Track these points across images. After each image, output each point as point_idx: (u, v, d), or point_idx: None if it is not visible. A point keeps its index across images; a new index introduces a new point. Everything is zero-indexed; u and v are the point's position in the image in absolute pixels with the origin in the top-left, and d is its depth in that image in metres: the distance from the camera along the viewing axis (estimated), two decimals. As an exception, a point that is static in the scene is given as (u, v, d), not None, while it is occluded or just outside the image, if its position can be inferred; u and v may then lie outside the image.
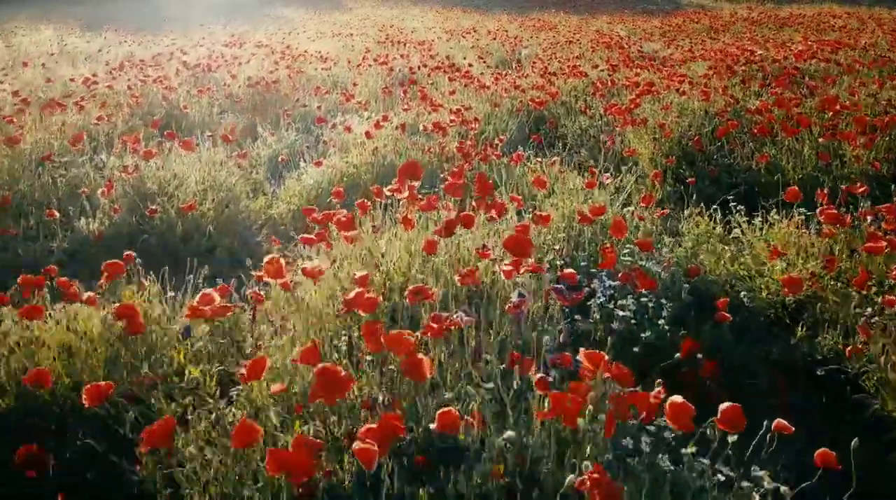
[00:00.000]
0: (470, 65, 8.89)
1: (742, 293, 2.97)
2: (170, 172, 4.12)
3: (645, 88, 5.78)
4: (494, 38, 12.69)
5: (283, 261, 2.23)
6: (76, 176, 4.19)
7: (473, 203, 2.92)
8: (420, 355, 1.57)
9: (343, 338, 2.09)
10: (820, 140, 4.07)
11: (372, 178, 4.26)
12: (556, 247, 2.84)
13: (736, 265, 3.14)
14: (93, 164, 4.27)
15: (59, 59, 10.24)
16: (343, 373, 1.40)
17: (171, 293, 2.55)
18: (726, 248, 3.25)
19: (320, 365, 1.41)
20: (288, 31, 14.81)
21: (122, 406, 1.73)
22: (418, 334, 1.77)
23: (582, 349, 1.55)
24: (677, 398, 1.44)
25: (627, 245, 2.94)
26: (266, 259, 2.28)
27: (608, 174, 3.88)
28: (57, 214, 3.45)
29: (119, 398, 1.71)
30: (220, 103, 6.72)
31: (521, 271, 2.12)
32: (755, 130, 4.50)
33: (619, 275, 2.57)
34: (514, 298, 1.88)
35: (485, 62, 9.56)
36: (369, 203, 2.65)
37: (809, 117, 4.56)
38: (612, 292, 2.69)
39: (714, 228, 3.46)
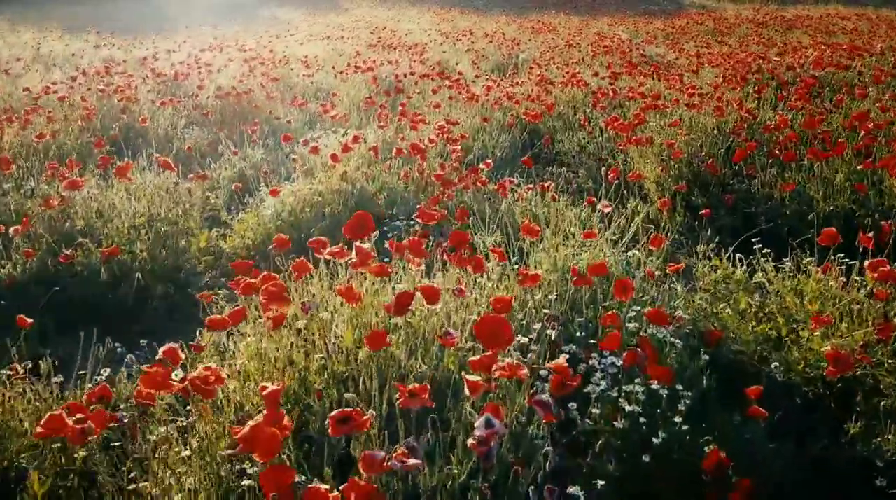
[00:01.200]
0: (460, 73, 8.34)
1: (774, 364, 2.43)
2: (107, 203, 3.58)
3: (651, 102, 5.22)
4: (491, 41, 12.14)
5: (182, 354, 1.71)
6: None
7: (446, 256, 2.39)
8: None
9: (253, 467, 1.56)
10: (858, 167, 3.52)
11: (340, 207, 3.72)
12: (547, 311, 2.31)
13: (763, 325, 2.61)
14: (21, 192, 3.73)
15: (33, 64, 9.70)
16: None
17: (58, 377, 2.03)
18: (751, 302, 2.71)
19: None
20: (277, 33, 14.27)
21: None
22: (339, 492, 1.24)
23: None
24: None
25: (634, 307, 2.41)
26: (163, 349, 1.75)
27: (607, 202, 3.34)
28: (-42, 259, 2.92)
29: None
30: (189, 115, 6.17)
31: (495, 372, 1.59)
32: (777, 153, 3.96)
33: (625, 354, 2.03)
34: (480, 429, 1.34)
35: (479, 68, 9.01)
36: (311, 264, 2.11)
37: (838, 137, 4.02)
38: (615, 370, 2.16)
39: (733, 273, 2.93)
